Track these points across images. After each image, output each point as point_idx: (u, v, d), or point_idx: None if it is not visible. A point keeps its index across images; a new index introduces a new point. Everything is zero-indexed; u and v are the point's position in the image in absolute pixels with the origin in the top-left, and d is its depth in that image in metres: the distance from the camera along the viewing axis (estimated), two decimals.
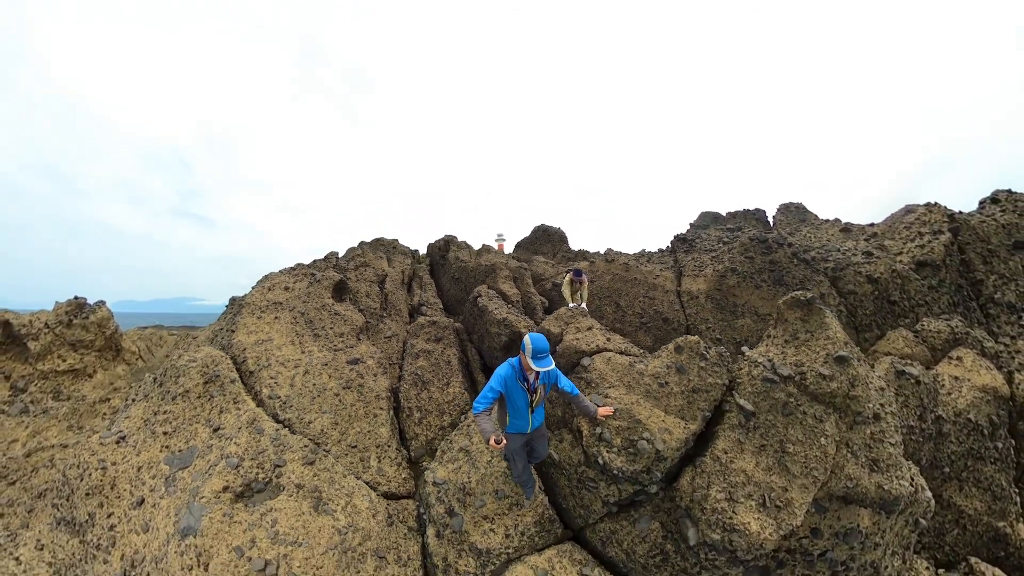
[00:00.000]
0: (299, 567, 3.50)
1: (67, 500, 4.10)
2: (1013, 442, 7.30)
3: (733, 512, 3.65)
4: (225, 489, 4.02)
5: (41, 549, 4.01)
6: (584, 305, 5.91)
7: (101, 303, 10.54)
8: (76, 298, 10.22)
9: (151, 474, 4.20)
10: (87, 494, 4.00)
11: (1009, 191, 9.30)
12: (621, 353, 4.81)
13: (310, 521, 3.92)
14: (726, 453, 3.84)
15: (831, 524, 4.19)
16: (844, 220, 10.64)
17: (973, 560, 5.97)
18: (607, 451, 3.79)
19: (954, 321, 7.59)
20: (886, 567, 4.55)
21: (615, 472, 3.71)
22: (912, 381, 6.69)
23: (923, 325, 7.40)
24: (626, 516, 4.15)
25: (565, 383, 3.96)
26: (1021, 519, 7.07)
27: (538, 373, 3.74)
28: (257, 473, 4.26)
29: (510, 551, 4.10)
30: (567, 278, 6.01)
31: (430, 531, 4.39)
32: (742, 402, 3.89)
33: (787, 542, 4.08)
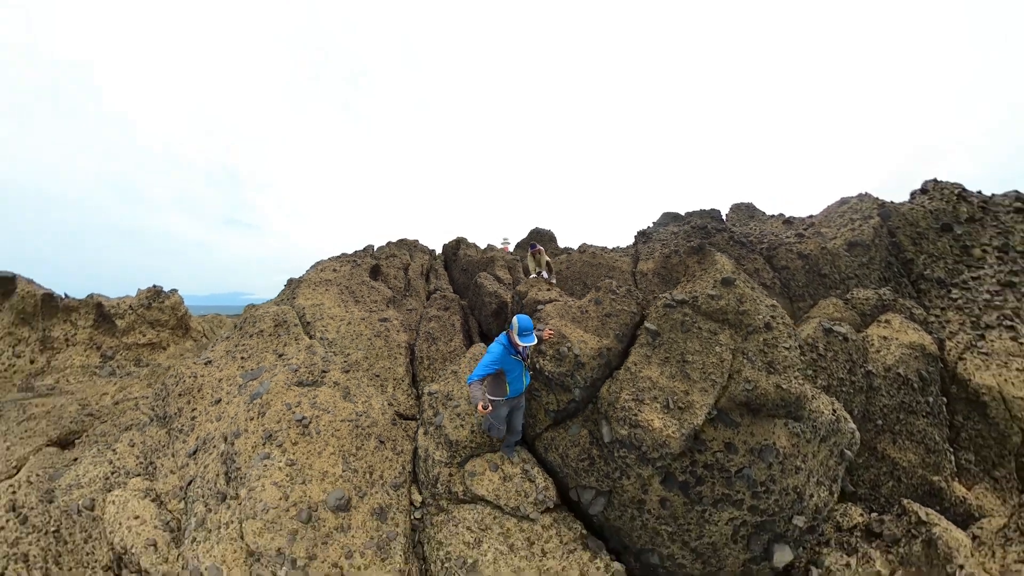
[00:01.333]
0: (324, 425, 4.16)
1: (162, 401, 5.00)
2: (945, 400, 6.84)
3: (638, 411, 3.88)
4: (285, 382, 4.76)
5: (132, 446, 4.87)
6: (544, 273, 6.38)
7: (174, 291, 10.89)
8: (154, 286, 10.54)
9: (228, 383, 5.05)
10: (179, 394, 4.88)
11: (936, 180, 8.91)
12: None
13: (338, 402, 4.58)
14: (636, 365, 4.12)
15: (745, 439, 4.08)
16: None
17: (906, 501, 5.46)
18: (542, 359, 4.20)
19: (883, 290, 7.27)
20: (811, 495, 4.30)
21: (547, 375, 4.09)
22: (840, 338, 6.38)
23: (853, 294, 7.16)
24: (563, 426, 4.43)
25: None
26: (956, 477, 6.57)
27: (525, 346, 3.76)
28: (308, 376, 4.99)
29: (473, 445, 4.49)
30: (528, 253, 6.55)
31: (420, 431, 4.88)
32: (648, 325, 4.19)
33: (703, 456, 4.04)
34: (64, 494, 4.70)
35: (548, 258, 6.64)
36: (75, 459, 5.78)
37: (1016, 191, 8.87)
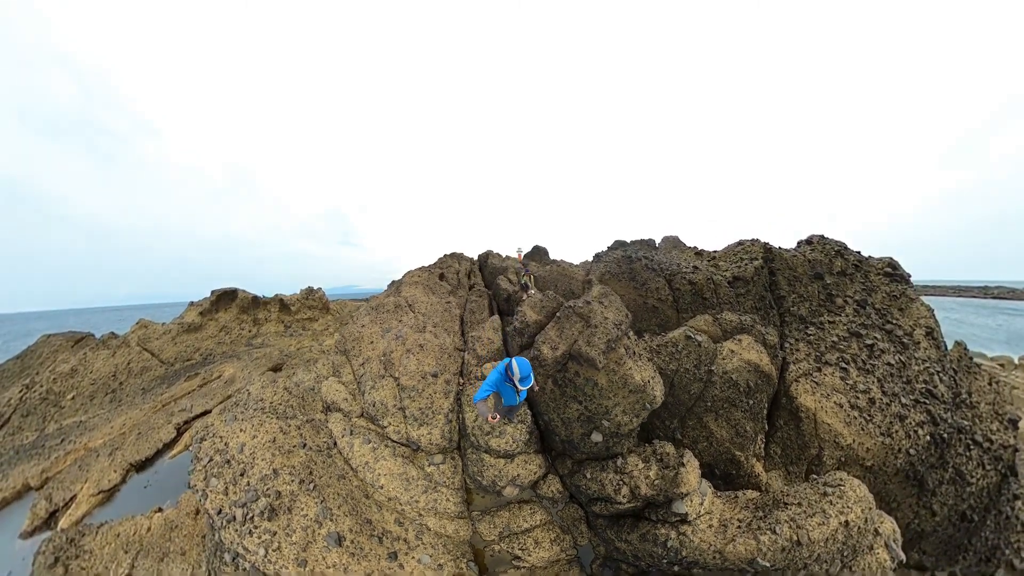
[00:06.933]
0: (428, 346, 11.08)
1: (343, 343, 12.36)
2: (766, 406, 8.50)
3: (541, 348, 10.06)
4: (410, 329, 11.88)
5: (324, 366, 12.31)
6: (528, 281, 12.79)
7: (320, 288, 20.16)
8: (309, 287, 19.92)
9: (375, 335, 12.24)
10: (353, 340, 12.19)
11: (822, 236, 12.42)
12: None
13: (432, 339, 11.40)
14: (547, 329, 10.23)
15: (583, 373, 7.80)
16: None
17: (686, 450, 7.41)
18: (519, 317, 10.67)
19: (746, 317, 11.37)
20: (615, 415, 7.26)
21: (520, 331, 10.55)
22: (695, 343, 9.01)
23: (723, 315, 11.51)
24: (524, 352, 10.85)
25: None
26: (762, 460, 8.00)
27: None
28: (418, 327, 12.05)
29: (487, 359, 11.19)
30: (520, 267, 12.93)
31: (466, 353, 11.64)
32: (557, 314, 10.40)
33: (566, 374, 9.51)
34: (300, 384, 12.29)
35: (533, 271, 13.10)
36: (290, 375, 13.71)
37: (891, 258, 11.31)
